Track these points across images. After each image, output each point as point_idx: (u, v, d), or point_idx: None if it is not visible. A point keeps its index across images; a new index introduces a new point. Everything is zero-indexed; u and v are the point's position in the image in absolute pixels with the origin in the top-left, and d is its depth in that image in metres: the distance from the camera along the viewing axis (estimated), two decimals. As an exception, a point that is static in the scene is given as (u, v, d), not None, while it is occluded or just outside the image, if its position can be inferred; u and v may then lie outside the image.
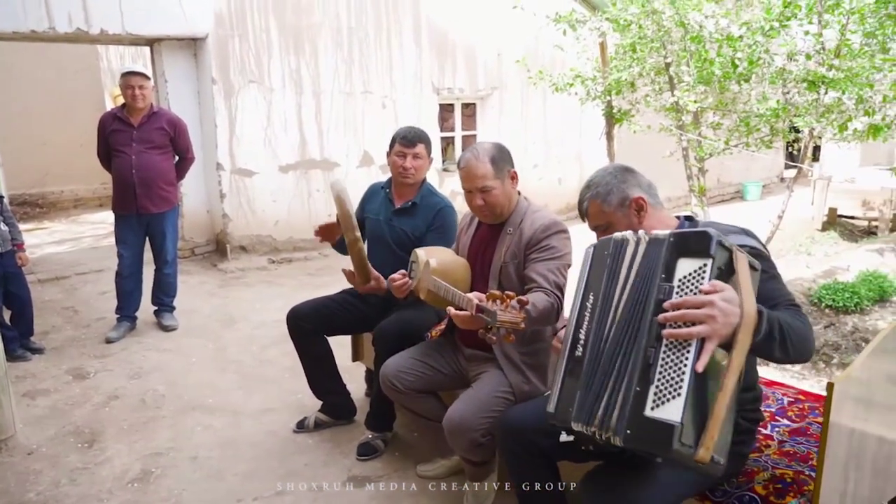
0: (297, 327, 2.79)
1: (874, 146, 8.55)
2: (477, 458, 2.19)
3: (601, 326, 1.47)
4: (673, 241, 1.40)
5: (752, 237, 1.60)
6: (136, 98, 3.93)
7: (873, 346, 1.60)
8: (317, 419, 2.95)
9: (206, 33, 5.80)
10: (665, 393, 1.29)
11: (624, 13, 4.31)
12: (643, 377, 1.33)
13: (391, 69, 6.94)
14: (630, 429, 1.33)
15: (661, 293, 1.37)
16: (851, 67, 3.66)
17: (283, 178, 6.43)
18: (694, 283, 1.34)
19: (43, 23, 5.00)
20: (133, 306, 4.27)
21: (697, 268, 1.35)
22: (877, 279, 6.32)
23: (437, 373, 2.36)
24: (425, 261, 2.17)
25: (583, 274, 1.59)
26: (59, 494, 2.50)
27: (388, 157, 2.80)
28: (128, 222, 4.10)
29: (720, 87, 4.12)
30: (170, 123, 4.11)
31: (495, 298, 1.72)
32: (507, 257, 2.17)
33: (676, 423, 1.25)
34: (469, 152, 2.22)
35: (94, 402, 3.29)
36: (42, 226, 8.17)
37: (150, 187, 4.02)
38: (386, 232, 2.79)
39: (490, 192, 2.15)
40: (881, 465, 1.80)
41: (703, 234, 1.35)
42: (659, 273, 1.39)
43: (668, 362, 1.31)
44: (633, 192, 1.72)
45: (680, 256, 1.37)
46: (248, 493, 2.48)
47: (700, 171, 4.72)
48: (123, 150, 3.99)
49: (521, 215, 2.21)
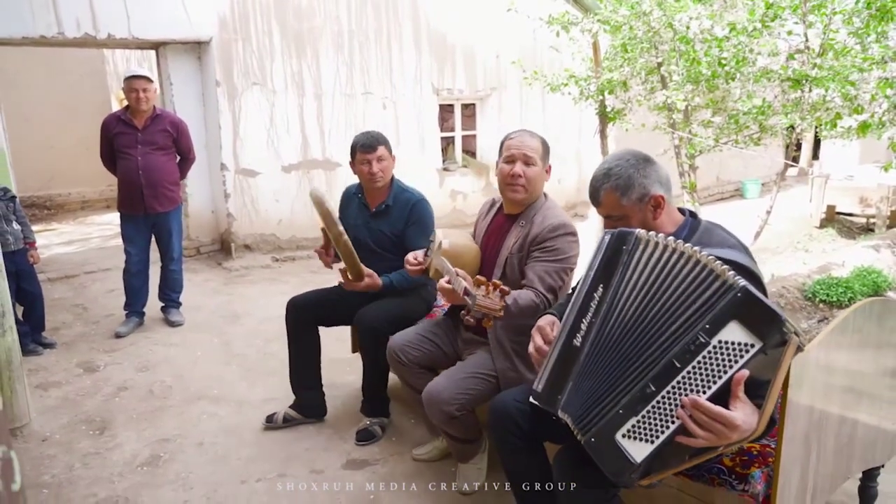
0: (295, 316, 2.89)
1: (872, 144, 8.62)
2: (456, 432, 2.30)
3: (605, 323, 1.46)
4: (741, 298, 1.26)
5: (748, 256, 1.59)
6: (140, 101, 4.04)
7: (833, 326, 1.70)
8: (286, 415, 2.99)
9: (211, 37, 5.94)
10: (642, 432, 1.34)
11: (615, 15, 4.43)
12: (631, 406, 1.35)
13: (391, 71, 7.07)
14: (595, 438, 1.40)
15: (693, 342, 1.28)
16: (834, 66, 3.76)
17: (286, 178, 6.57)
18: (730, 358, 1.25)
19: (52, 28, 5.14)
20: (141, 302, 4.40)
21: (744, 344, 1.25)
22: (871, 275, 6.40)
23: (439, 349, 2.48)
24: (439, 241, 2.27)
25: (594, 262, 1.53)
26: (73, 477, 2.63)
27: (352, 167, 2.85)
28: (135, 222, 4.23)
29: (708, 85, 4.24)
30: (172, 125, 4.23)
31: (481, 284, 1.84)
32: (513, 249, 2.25)
33: (635, 463, 1.35)
34: (521, 129, 2.29)
35: (105, 393, 3.42)
36: (50, 227, 8.33)
37: (157, 188, 4.15)
38: (366, 236, 2.87)
39: (532, 167, 2.21)
40: (844, 442, 1.90)
41: (775, 315, 1.22)
42: (704, 319, 1.28)
43: (659, 410, 1.32)
44: (653, 188, 1.67)
45: (735, 318, 1.25)
46: (252, 475, 2.61)
47: (691, 168, 4.83)
48: (129, 152, 4.10)
49: (536, 210, 2.27)
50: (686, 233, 1.70)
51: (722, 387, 1.27)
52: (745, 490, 1.72)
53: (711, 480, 1.77)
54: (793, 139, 4.99)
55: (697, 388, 1.29)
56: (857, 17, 3.89)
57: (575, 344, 1.49)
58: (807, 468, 1.72)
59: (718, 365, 1.27)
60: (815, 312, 6.01)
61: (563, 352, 1.52)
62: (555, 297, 2.15)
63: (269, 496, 2.47)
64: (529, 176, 2.20)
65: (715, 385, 1.27)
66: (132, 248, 4.26)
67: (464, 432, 2.32)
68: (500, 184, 2.28)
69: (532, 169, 2.20)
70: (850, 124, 4.54)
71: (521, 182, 2.21)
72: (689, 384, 1.30)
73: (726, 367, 1.26)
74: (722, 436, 1.26)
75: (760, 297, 1.26)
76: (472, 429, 2.32)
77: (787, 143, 5.42)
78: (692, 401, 1.27)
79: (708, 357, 1.27)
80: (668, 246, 1.41)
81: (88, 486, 2.57)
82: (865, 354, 1.96)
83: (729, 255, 1.45)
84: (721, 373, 1.27)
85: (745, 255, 1.58)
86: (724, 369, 1.26)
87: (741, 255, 1.55)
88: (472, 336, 2.42)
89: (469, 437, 2.36)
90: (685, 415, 1.28)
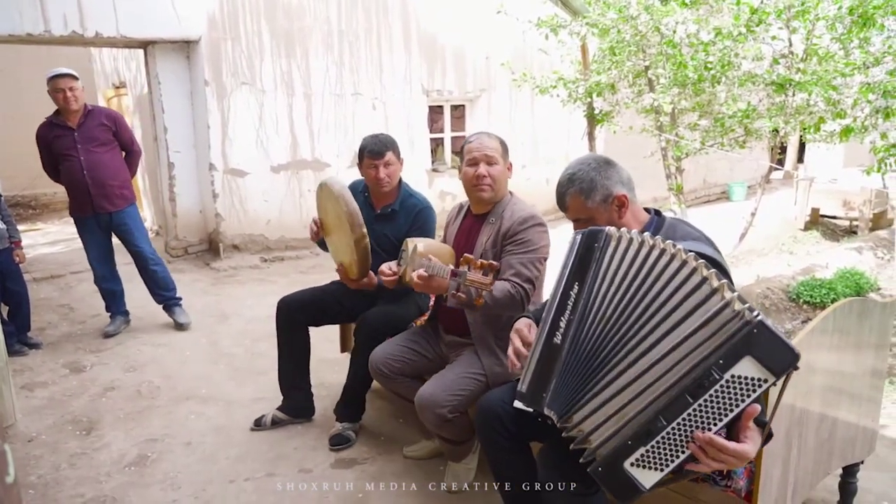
0: (287, 316, 2.89)
1: (856, 147, 8.76)
2: (450, 435, 2.33)
3: (584, 319, 1.48)
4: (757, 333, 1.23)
5: (712, 247, 1.63)
6: (69, 100, 3.87)
7: (813, 325, 1.74)
8: (274, 417, 2.99)
9: (199, 36, 5.92)
10: (651, 461, 1.34)
11: (603, 18, 4.47)
12: (641, 436, 1.34)
13: (381, 71, 7.08)
14: (602, 468, 1.39)
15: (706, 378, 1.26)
16: (817, 71, 3.83)
17: (275, 178, 6.56)
18: (741, 393, 1.25)
19: (39, 25, 5.10)
20: (119, 303, 4.35)
21: (756, 379, 1.24)
22: (854, 276, 6.51)
23: (422, 357, 2.50)
24: (413, 246, 2.31)
25: (567, 261, 1.56)
26: (60, 477, 2.61)
27: (359, 168, 2.85)
28: (88, 224, 4.10)
29: (695, 89, 4.29)
30: (108, 118, 4.08)
31: (468, 262, 1.90)
32: (487, 245, 2.31)
33: (644, 490, 1.36)
34: (479, 132, 2.40)
35: (91, 394, 3.41)
36: (35, 227, 8.27)
37: (104, 186, 4.00)
38: (369, 236, 2.90)
39: (494, 166, 2.30)
40: (824, 439, 1.94)
41: (792, 353, 1.21)
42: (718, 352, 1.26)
43: (669, 440, 1.32)
44: (616, 188, 1.73)
45: (751, 355, 1.23)
46: (240, 475, 2.61)
47: (677, 170, 4.88)
48: (70, 154, 3.93)
49: (504, 206, 2.35)
50: (652, 230, 1.75)
51: (733, 419, 1.29)
52: (728, 486, 1.75)
53: (696, 477, 1.80)
54: (777, 142, 5.06)
55: (709, 421, 1.29)
56: (840, 24, 3.96)
57: (555, 342, 1.51)
58: (788, 464, 1.76)
59: (730, 399, 1.27)
60: (800, 313, 6.10)
61: (544, 350, 1.54)
62: (532, 287, 2.21)
63: (258, 495, 2.47)
64: (494, 175, 2.30)
65: (726, 418, 1.28)
66: (93, 252, 4.15)
67: (457, 434, 2.34)
68: (466, 187, 2.37)
69: (495, 168, 2.30)
70: (834, 128, 4.61)
71: (487, 182, 2.30)
72: (700, 416, 1.30)
73: (738, 402, 1.26)
74: (732, 465, 1.31)
75: (776, 332, 1.23)
76: (465, 430, 2.34)
77: (772, 146, 5.49)
78: (707, 439, 1.27)
79: (720, 391, 1.27)
80: (643, 241, 1.44)
81: (75, 486, 2.56)
82: (845, 353, 2.00)
83: (693, 247, 1.47)
84: (733, 406, 1.27)
85: (709, 247, 1.61)
86: (737, 403, 1.26)
87: (706, 247, 1.59)
88: (455, 338, 2.45)
89: (462, 439, 2.39)
90: (697, 449, 1.30)
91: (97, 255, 4.17)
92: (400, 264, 2.45)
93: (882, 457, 2.70)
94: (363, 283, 2.67)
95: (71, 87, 3.89)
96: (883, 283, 6.92)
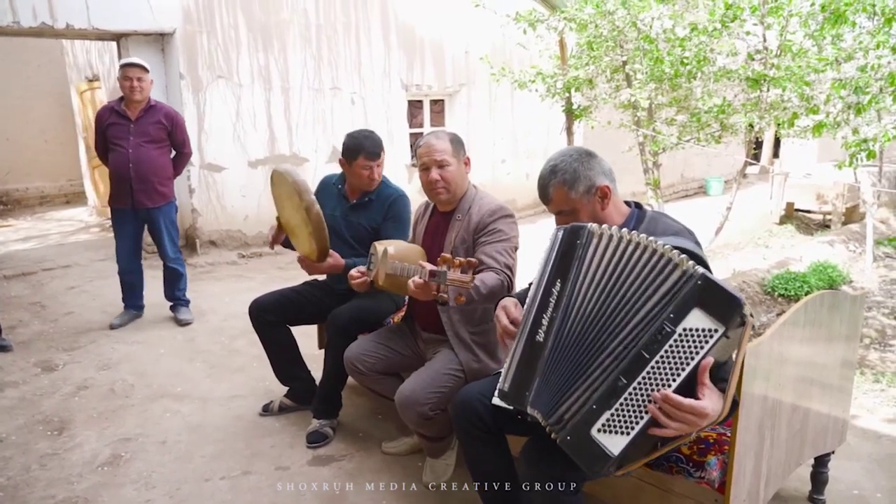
0: (259, 319, 2.88)
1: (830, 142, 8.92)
2: (429, 432, 2.32)
3: (566, 317, 1.48)
4: (701, 285, 1.31)
5: (693, 240, 1.64)
6: (135, 90, 3.92)
7: (785, 318, 1.76)
8: (281, 403, 3.04)
9: (174, 28, 5.82)
10: (616, 425, 1.37)
11: (580, 13, 4.48)
12: (604, 400, 1.37)
13: (360, 66, 7.03)
14: (570, 436, 1.41)
15: (659, 332, 1.33)
16: (791, 67, 3.88)
17: (253, 173, 6.48)
18: (695, 345, 1.30)
19: (6, 17, 4.97)
20: (136, 297, 4.37)
21: (707, 329, 1.30)
22: (826, 269, 6.63)
23: (398, 354, 2.49)
24: (383, 249, 2.29)
25: (549, 257, 1.56)
26: (30, 479, 2.56)
27: (346, 165, 2.81)
28: (124, 216, 4.12)
29: (671, 84, 4.32)
30: (167, 117, 4.10)
31: (446, 262, 1.87)
32: (456, 242, 2.31)
33: (613, 456, 1.37)
34: (429, 134, 2.38)
35: (64, 393, 3.34)
36: (6, 223, 8.08)
37: (147, 182, 4.02)
38: (343, 227, 2.86)
39: (447, 168, 2.28)
40: (797, 430, 1.97)
41: (735, 301, 1.27)
42: (668, 308, 1.33)
43: (631, 402, 1.35)
44: (599, 179, 1.72)
45: (698, 305, 1.30)
46: (216, 473, 2.58)
47: (655, 165, 4.92)
48: (120, 144, 3.97)
49: (470, 202, 2.35)
50: (633, 223, 1.75)
51: (689, 374, 1.32)
52: (701, 477, 1.77)
53: (670, 469, 1.82)
54: (752, 138, 5.12)
55: (666, 377, 1.33)
56: (813, 20, 4.01)
57: (538, 340, 1.51)
58: (761, 455, 1.78)
59: (685, 353, 1.32)
60: (774, 306, 6.20)
61: (526, 348, 1.54)
62: (512, 273, 2.22)
63: (233, 494, 2.44)
64: (447, 178, 2.29)
65: (683, 373, 1.32)
66: (121, 243, 4.18)
67: (437, 431, 2.34)
68: (424, 190, 2.38)
69: (447, 170, 2.29)
70: (807, 124, 4.68)
71: (441, 185, 2.30)
72: (658, 374, 1.33)
73: (692, 355, 1.31)
74: (692, 424, 1.32)
75: (719, 283, 1.31)
76: (444, 427, 2.33)
77: (748, 141, 5.56)
78: (663, 395, 1.31)
79: (674, 345, 1.32)
80: (623, 237, 1.45)
81: (45, 487, 2.50)
82: (817, 345, 2.03)
83: (675, 242, 1.48)
84: (688, 360, 1.32)
85: (690, 241, 1.62)
86: (691, 356, 1.31)
87: (687, 241, 1.60)
88: (432, 335, 2.44)
89: (442, 435, 2.38)
90: (655, 409, 1.33)
91: (126, 247, 4.19)
92: (370, 268, 2.42)
93: (853, 446, 2.75)
94: (329, 264, 2.59)
95: (139, 78, 3.93)
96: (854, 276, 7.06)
